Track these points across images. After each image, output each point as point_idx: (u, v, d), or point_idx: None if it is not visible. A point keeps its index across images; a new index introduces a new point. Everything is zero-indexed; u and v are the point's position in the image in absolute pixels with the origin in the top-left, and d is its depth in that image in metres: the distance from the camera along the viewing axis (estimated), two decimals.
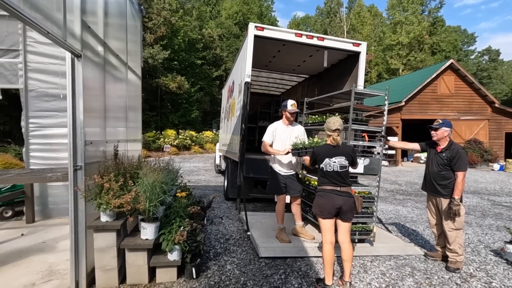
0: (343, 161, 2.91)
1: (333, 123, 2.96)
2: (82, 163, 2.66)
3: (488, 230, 5.08)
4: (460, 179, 3.29)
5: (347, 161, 2.93)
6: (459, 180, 3.29)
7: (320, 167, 2.98)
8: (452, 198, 3.31)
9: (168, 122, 26.18)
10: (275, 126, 4.07)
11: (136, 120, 4.98)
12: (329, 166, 2.90)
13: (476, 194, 8.71)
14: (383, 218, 5.72)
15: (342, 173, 2.91)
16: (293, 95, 9.41)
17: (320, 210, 2.88)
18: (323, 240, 2.86)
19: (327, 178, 2.91)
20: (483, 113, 18.17)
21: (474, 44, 44.61)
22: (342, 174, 2.91)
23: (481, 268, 3.50)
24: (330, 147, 2.98)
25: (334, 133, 2.95)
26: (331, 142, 3.00)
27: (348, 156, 2.94)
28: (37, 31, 2.10)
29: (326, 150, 2.97)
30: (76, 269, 2.68)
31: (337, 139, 2.95)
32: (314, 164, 3.10)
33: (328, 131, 2.99)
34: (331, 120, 3.00)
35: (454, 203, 3.27)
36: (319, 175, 3.02)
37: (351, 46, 5.36)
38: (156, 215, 2.92)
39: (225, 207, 6.09)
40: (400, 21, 37.42)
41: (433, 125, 3.54)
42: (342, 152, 2.94)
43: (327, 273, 2.80)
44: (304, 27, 47.92)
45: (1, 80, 4.86)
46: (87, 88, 2.73)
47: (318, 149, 3.02)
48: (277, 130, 4.03)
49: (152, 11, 23.80)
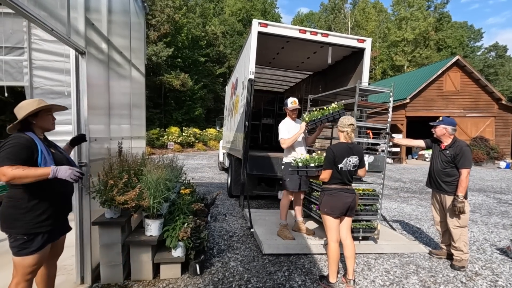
0: (356, 160, 2.85)
1: (348, 119, 2.93)
2: (87, 160, 2.68)
3: (494, 228, 5.04)
4: (464, 176, 3.25)
5: (359, 160, 2.90)
6: (463, 177, 3.25)
7: (338, 167, 2.82)
8: (456, 196, 3.28)
9: (172, 120, 26.27)
10: (287, 123, 4.09)
11: (140, 118, 5.00)
12: (346, 165, 2.82)
13: (482, 192, 8.62)
14: (387, 215, 5.69)
15: (353, 172, 2.90)
16: (297, 92, 9.36)
17: (331, 209, 2.81)
18: (328, 239, 2.85)
19: (341, 177, 2.83)
20: (490, 110, 17.93)
21: (481, 40, 44.11)
22: (352, 173, 2.90)
23: (487, 266, 3.47)
24: (346, 145, 2.87)
25: (349, 128, 2.87)
26: (345, 139, 2.91)
27: (360, 156, 2.90)
28: (41, 28, 2.10)
29: (344, 149, 2.84)
30: (82, 264, 2.71)
31: (351, 135, 2.89)
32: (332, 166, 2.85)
33: (343, 127, 2.91)
34: (343, 120, 2.96)
35: (458, 200, 3.24)
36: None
37: (355, 42, 5.30)
38: (160, 212, 2.94)
39: (229, 204, 6.11)
40: (406, 17, 36.95)
41: (433, 122, 3.55)
42: (357, 151, 2.89)
43: (332, 271, 2.80)
44: (308, 24, 47.55)
45: (7, 78, 4.90)
46: (91, 86, 2.74)
47: (336, 149, 2.85)
48: (290, 126, 4.06)
49: (156, 8, 23.81)
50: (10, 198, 1.85)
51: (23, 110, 1.89)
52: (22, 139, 1.82)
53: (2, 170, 1.68)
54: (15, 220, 1.82)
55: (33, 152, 1.84)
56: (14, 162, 1.71)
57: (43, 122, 2.00)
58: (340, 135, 2.96)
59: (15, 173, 1.68)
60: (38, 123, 1.97)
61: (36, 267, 1.93)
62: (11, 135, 1.85)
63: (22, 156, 1.77)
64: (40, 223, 1.87)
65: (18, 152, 1.76)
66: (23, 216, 1.83)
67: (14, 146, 1.76)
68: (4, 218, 1.85)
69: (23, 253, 1.84)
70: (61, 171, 1.80)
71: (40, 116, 1.97)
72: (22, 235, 1.83)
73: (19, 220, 1.82)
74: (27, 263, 1.85)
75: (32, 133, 1.92)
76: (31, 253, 1.85)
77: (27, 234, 1.84)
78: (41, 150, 1.87)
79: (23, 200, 1.83)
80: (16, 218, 1.82)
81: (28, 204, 1.84)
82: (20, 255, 1.84)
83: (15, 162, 1.72)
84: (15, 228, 1.83)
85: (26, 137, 1.85)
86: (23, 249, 1.84)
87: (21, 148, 1.79)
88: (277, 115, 9.04)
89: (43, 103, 1.97)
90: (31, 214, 1.84)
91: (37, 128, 1.98)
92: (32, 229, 1.84)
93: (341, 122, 2.95)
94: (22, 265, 1.85)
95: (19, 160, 1.74)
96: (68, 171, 1.82)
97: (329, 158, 2.81)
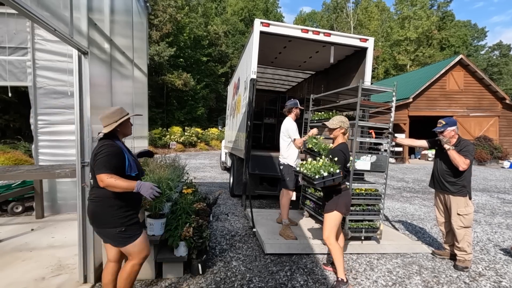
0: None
1: (347, 120, 2.99)
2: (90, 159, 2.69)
3: (498, 228, 5.00)
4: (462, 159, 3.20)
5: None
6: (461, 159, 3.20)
7: (347, 167, 3.01)
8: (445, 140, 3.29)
9: (174, 119, 26.33)
10: (294, 123, 4.18)
11: (143, 117, 5.01)
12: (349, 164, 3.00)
13: (485, 191, 8.56)
14: (389, 215, 5.67)
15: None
16: (299, 92, 9.35)
17: (347, 208, 2.92)
18: (333, 237, 2.84)
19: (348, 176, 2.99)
20: (493, 109, 17.80)
21: (484, 39, 43.74)
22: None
23: (490, 267, 3.45)
24: (347, 145, 3.03)
25: (348, 129, 3.01)
26: (346, 140, 3.02)
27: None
28: (44, 28, 2.11)
29: (348, 149, 3.00)
30: (85, 263, 2.72)
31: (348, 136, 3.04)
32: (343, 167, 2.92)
33: (347, 128, 3.00)
34: (343, 119, 2.99)
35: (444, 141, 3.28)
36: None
37: (358, 41, 5.28)
38: (163, 211, 2.95)
39: (231, 204, 6.11)
40: (408, 16, 36.76)
41: (438, 128, 3.45)
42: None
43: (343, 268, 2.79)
44: (310, 23, 47.43)
45: (11, 78, 4.94)
46: (94, 85, 2.75)
47: (345, 150, 2.95)
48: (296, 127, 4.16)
49: (158, 8, 23.85)
50: (99, 197, 2.07)
51: (110, 119, 2.12)
52: (114, 148, 2.08)
53: (100, 177, 1.96)
54: (111, 216, 2.05)
55: (123, 160, 2.10)
56: (109, 171, 1.98)
57: (125, 129, 2.26)
58: (342, 137, 3.01)
59: (109, 182, 1.95)
60: (122, 130, 2.23)
61: (147, 246, 2.21)
62: (103, 143, 2.08)
63: (115, 164, 2.03)
64: (130, 216, 2.12)
65: (112, 160, 2.03)
66: (116, 212, 2.06)
67: (109, 155, 2.02)
68: (98, 215, 2.07)
69: (132, 240, 2.09)
70: (143, 188, 2.01)
71: (124, 124, 2.21)
72: (120, 227, 2.06)
73: (113, 215, 2.05)
74: (138, 248, 2.12)
75: (118, 141, 2.19)
76: (137, 237, 2.11)
77: (124, 226, 2.07)
78: (128, 158, 2.14)
79: (111, 198, 2.04)
80: (112, 214, 2.05)
81: (117, 202, 2.06)
82: (130, 242, 2.09)
83: (109, 170, 1.98)
84: (110, 223, 2.05)
85: (117, 146, 2.11)
86: (130, 237, 2.09)
87: (113, 156, 2.04)
88: (279, 114, 9.03)
89: (125, 111, 2.21)
90: (121, 210, 2.07)
91: (121, 134, 2.24)
92: (126, 221, 2.08)
93: (346, 124, 2.98)
94: (135, 250, 2.12)
95: (113, 168, 2.01)
96: (149, 190, 2.01)
97: (342, 160, 2.85)
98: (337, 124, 2.96)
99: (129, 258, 2.16)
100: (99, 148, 2.05)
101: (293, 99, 4.38)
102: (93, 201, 2.09)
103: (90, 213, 2.12)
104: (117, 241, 2.09)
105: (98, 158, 2.00)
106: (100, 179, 1.96)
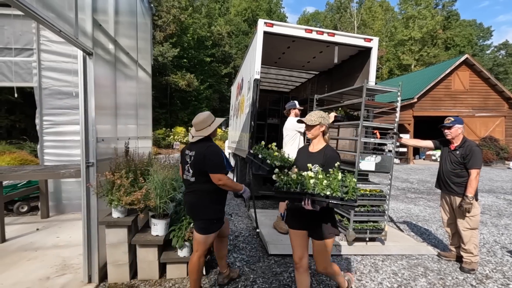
0: None
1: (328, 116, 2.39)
2: (94, 160, 2.70)
3: (505, 230, 4.93)
4: (473, 177, 3.19)
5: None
6: (472, 178, 3.20)
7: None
8: (464, 196, 3.22)
9: (178, 120, 26.43)
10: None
11: (147, 118, 5.03)
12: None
13: (491, 193, 8.46)
14: (394, 216, 5.63)
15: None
16: (303, 92, 9.32)
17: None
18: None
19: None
20: (499, 109, 17.61)
21: (490, 38, 43.24)
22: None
23: (497, 269, 3.40)
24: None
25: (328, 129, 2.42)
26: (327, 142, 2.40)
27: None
28: (50, 29, 2.13)
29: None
30: (89, 263, 2.73)
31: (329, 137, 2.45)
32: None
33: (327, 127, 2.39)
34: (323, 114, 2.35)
35: (466, 201, 3.19)
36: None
37: (362, 41, 5.24)
38: (167, 211, 2.94)
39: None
40: (413, 15, 36.49)
41: (446, 123, 3.45)
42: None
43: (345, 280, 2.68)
44: (314, 23, 47.32)
45: (16, 79, 4.98)
46: (99, 86, 2.76)
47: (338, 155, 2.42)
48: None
49: (162, 9, 23.97)
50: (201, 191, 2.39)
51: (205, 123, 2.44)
52: (220, 150, 2.41)
53: (220, 176, 2.30)
54: (212, 209, 2.41)
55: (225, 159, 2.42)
56: (224, 170, 2.34)
57: (215, 132, 2.55)
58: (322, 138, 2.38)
59: (227, 182, 2.33)
60: (213, 133, 2.52)
61: (212, 243, 2.53)
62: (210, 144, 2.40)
63: (225, 163, 2.37)
64: (221, 210, 2.50)
65: (224, 160, 2.37)
66: (215, 205, 2.43)
67: (220, 156, 2.36)
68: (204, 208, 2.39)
69: (209, 232, 2.39)
70: (246, 192, 2.56)
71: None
72: (213, 219, 2.41)
73: (212, 208, 2.42)
74: (209, 240, 2.43)
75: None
76: (214, 232, 2.42)
77: (216, 219, 2.44)
78: (225, 157, 2.43)
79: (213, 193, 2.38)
80: (213, 208, 2.41)
81: (217, 196, 2.42)
82: (206, 233, 2.38)
83: (224, 170, 2.34)
84: (209, 214, 2.40)
85: (220, 148, 2.44)
86: (211, 229, 2.40)
87: (224, 157, 2.39)
88: (283, 115, 9.00)
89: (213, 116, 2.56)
90: (218, 204, 2.46)
91: (213, 136, 2.54)
92: (219, 214, 2.46)
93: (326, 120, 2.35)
94: (204, 242, 2.40)
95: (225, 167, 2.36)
96: (248, 194, 2.59)
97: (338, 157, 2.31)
98: (316, 120, 2.29)
99: (195, 249, 2.43)
100: (207, 148, 2.34)
101: (292, 100, 4.40)
102: (195, 194, 2.40)
103: (189, 204, 2.45)
104: (203, 229, 2.37)
105: (212, 159, 2.29)
106: (219, 178, 2.27)
